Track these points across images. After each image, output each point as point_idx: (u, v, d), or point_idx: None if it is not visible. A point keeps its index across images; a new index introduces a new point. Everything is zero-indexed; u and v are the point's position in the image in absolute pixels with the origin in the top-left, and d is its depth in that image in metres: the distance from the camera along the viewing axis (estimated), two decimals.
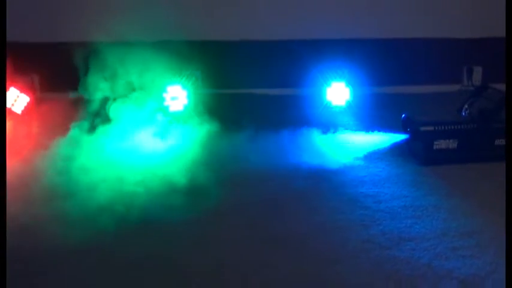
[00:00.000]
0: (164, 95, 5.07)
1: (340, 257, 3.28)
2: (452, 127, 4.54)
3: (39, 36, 5.66)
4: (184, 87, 5.08)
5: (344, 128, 4.78)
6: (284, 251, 3.36)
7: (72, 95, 5.16)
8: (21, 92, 4.87)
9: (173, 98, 5.12)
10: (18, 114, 4.86)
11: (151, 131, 4.69)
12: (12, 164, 4.10)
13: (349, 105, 5.11)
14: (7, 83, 4.74)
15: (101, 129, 4.54)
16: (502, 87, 4.70)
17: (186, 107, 5.06)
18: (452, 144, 4.54)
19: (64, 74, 5.00)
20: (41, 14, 5.69)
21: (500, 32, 6.09)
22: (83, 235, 3.38)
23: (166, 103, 5.06)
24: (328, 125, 4.83)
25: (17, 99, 4.88)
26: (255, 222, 3.68)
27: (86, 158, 4.31)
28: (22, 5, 5.68)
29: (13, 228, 3.34)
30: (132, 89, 4.71)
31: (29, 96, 4.89)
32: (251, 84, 5.23)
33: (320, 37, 5.69)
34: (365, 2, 5.70)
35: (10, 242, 3.05)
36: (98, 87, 4.65)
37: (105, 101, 4.63)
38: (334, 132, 4.78)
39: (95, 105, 4.62)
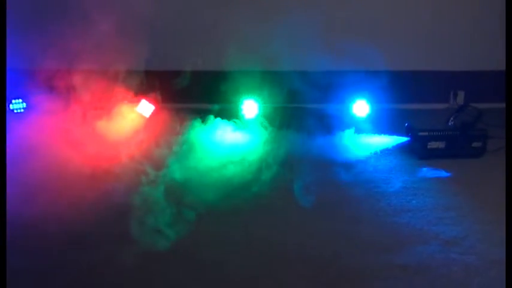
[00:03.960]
0: (241, 106, 5.13)
1: (360, 220, 3.31)
2: (442, 133, 4.45)
3: (161, 65, 5.71)
4: (256, 101, 5.12)
5: (364, 132, 4.79)
6: (321, 214, 3.41)
7: (183, 106, 5.30)
8: (148, 102, 5.00)
9: (247, 109, 5.17)
10: (146, 117, 5.00)
11: (234, 134, 4.78)
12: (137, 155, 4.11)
13: (369, 116, 5.05)
14: (139, 98, 4.92)
15: (201, 131, 4.63)
16: (478, 106, 4.68)
17: (257, 116, 5.08)
18: (441, 145, 4.44)
19: (178, 91, 5.19)
20: (161, 46, 5.68)
21: (477, 66, 6.03)
22: None
23: (242, 112, 5.12)
24: (353, 130, 4.83)
25: (146, 108, 5.02)
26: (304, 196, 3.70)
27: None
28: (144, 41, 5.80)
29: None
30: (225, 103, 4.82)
31: (154, 106, 5.02)
32: (302, 101, 5.26)
33: (347, 69, 5.61)
34: (382, 43, 5.59)
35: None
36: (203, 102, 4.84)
37: (207, 112, 4.78)
38: (357, 135, 4.81)
39: (202, 114, 4.75)
